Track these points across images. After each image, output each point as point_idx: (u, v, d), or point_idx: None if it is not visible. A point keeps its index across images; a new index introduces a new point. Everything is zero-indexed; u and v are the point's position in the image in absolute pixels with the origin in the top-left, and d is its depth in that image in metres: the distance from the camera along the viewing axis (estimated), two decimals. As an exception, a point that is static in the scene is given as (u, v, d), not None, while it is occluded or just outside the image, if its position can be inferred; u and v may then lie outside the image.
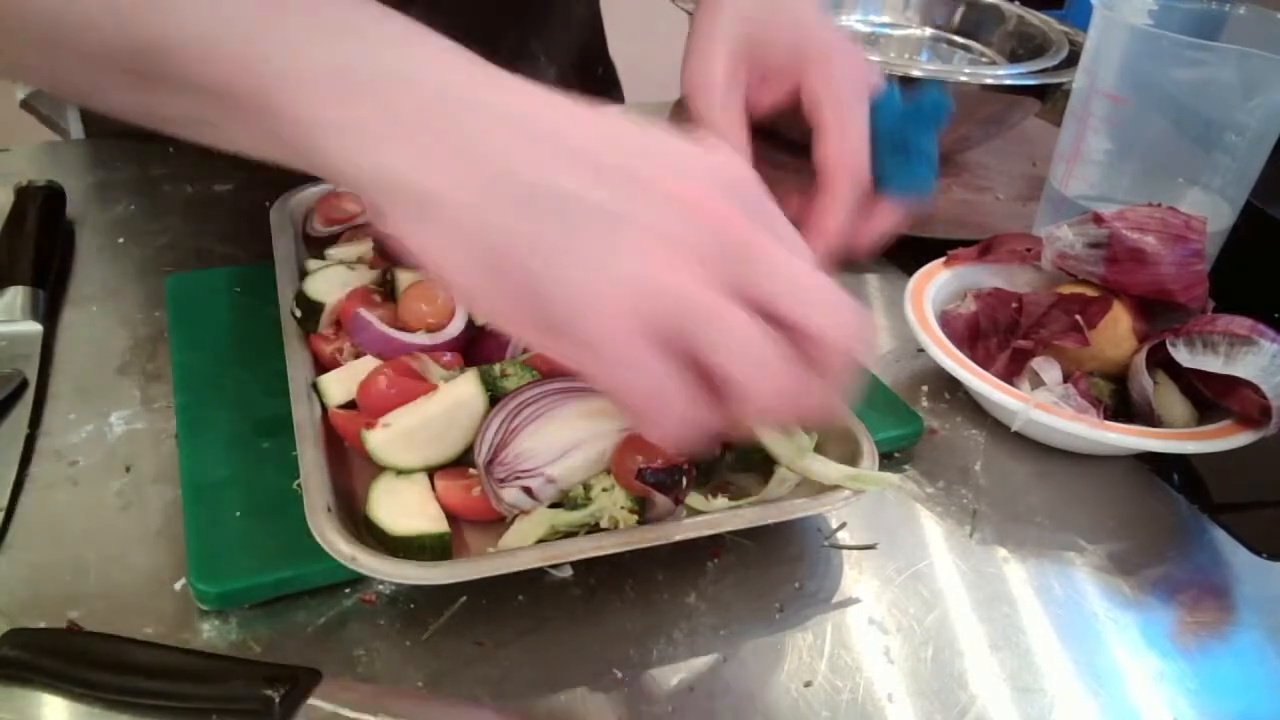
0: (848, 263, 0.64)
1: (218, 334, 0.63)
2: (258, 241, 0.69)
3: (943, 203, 0.92)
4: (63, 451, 0.56)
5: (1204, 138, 0.71)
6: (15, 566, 0.49)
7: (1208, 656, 0.51)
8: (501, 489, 0.48)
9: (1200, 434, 0.58)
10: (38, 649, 0.43)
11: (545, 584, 0.50)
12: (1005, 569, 0.55)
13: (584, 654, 0.47)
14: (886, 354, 0.72)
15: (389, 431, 0.50)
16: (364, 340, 0.55)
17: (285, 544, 0.48)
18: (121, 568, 0.49)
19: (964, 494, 0.59)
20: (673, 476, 0.47)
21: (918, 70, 0.92)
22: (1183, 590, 0.55)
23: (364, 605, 0.48)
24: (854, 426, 0.54)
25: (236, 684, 0.42)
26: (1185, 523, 0.60)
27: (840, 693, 0.47)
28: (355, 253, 0.65)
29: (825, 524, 0.55)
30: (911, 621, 0.51)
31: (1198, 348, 0.59)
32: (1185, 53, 0.68)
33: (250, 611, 0.47)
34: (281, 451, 0.53)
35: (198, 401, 0.57)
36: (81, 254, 0.74)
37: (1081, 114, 0.75)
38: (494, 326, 0.45)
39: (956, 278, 0.71)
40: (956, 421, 0.65)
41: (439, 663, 0.46)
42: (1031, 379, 0.62)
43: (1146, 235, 0.62)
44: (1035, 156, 1.03)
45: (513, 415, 0.49)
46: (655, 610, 0.50)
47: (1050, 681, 0.48)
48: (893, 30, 1.14)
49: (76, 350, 0.63)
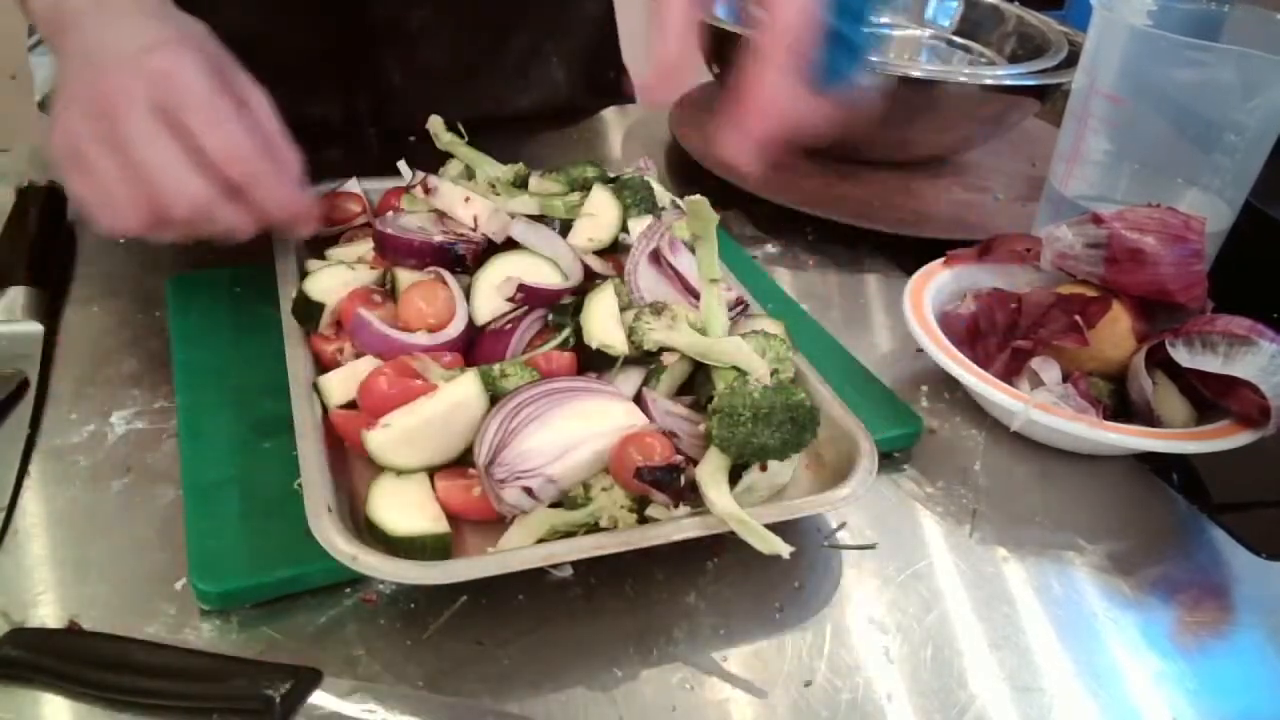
0: (847, 258, 0.63)
1: (218, 334, 0.63)
2: (258, 242, 0.69)
3: (943, 203, 0.92)
4: (63, 451, 0.56)
5: (1203, 138, 0.71)
6: (15, 566, 0.49)
7: (1207, 656, 0.51)
8: (501, 489, 0.48)
9: (1200, 434, 0.58)
10: (38, 649, 0.43)
11: (545, 584, 0.50)
12: (1005, 569, 0.55)
13: (584, 654, 0.47)
14: (886, 354, 0.72)
15: (389, 432, 0.50)
16: (364, 340, 0.56)
17: (285, 544, 0.48)
18: (121, 568, 0.49)
19: (964, 494, 0.59)
20: (671, 475, 0.47)
21: (918, 70, 0.92)
22: (1182, 590, 0.55)
23: (364, 605, 0.48)
24: (854, 426, 0.54)
25: (236, 684, 0.42)
26: (1185, 523, 0.60)
27: (840, 693, 0.47)
28: (355, 253, 0.65)
29: (825, 524, 0.55)
30: (911, 621, 0.51)
31: (1197, 348, 0.59)
32: (1184, 53, 0.68)
33: (250, 611, 0.47)
34: (281, 451, 0.53)
35: (198, 401, 0.57)
36: (82, 254, 0.74)
37: (1081, 114, 0.75)
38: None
39: (956, 278, 0.71)
40: (956, 421, 0.65)
41: (439, 663, 0.46)
42: (1031, 379, 0.62)
43: (1146, 235, 0.63)
44: (1035, 156, 1.04)
45: (512, 415, 0.49)
46: (655, 610, 0.50)
47: (1050, 681, 0.48)
48: (893, 30, 1.14)
49: (77, 350, 0.63)
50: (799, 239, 0.87)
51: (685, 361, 0.55)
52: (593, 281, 0.60)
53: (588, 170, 0.70)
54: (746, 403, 0.49)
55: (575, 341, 0.57)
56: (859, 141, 0.95)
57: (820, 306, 0.76)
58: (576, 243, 0.63)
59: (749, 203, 0.89)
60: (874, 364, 0.68)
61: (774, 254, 0.84)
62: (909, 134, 0.94)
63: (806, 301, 0.75)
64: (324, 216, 0.70)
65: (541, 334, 0.58)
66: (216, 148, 0.54)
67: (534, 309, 0.58)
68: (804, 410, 0.50)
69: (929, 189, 0.94)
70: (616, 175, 0.69)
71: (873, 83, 0.66)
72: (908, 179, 0.95)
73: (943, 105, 0.91)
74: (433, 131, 0.71)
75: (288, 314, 0.60)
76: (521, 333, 0.57)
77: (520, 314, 0.58)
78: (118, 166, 0.54)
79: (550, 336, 0.57)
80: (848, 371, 0.66)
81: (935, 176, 0.97)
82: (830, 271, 0.83)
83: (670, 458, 0.48)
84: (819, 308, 0.76)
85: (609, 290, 0.57)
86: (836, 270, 0.83)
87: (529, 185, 0.69)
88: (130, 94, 0.53)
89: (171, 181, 0.53)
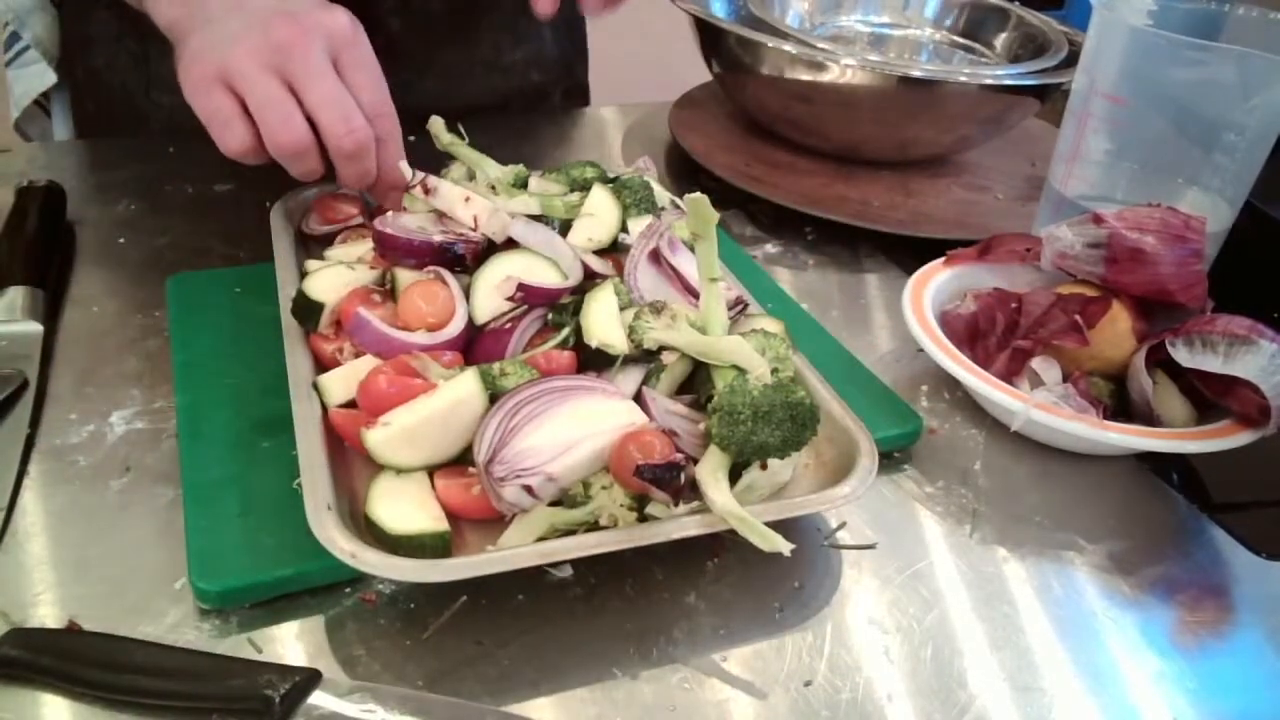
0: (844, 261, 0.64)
1: (218, 334, 0.63)
2: (258, 241, 0.69)
3: (943, 203, 0.92)
4: (63, 451, 0.56)
5: (1203, 138, 0.71)
6: (15, 566, 0.49)
7: (1207, 656, 0.51)
8: (501, 488, 0.48)
9: (1200, 434, 0.58)
10: (38, 649, 0.43)
11: (545, 584, 0.50)
12: (1005, 568, 0.55)
13: (584, 654, 0.47)
14: (886, 354, 0.72)
15: (389, 431, 0.50)
16: (364, 340, 0.56)
17: (285, 543, 0.48)
18: (121, 567, 0.49)
19: (964, 494, 0.59)
20: (670, 473, 0.47)
21: (918, 70, 0.92)
22: (1182, 590, 0.55)
23: (364, 605, 0.48)
24: (854, 426, 0.54)
25: (236, 684, 0.42)
26: (1185, 523, 0.60)
27: (840, 692, 0.47)
28: (355, 253, 0.65)
29: (825, 524, 0.55)
30: (911, 621, 0.51)
31: (1197, 347, 0.59)
32: (1185, 53, 0.68)
33: (250, 611, 0.47)
34: (281, 451, 0.53)
35: (198, 401, 0.57)
36: (81, 254, 0.74)
37: (1081, 114, 0.75)
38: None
39: (956, 278, 0.71)
40: (956, 421, 0.65)
41: (439, 663, 0.46)
42: (1031, 379, 0.62)
43: (1146, 235, 0.63)
44: (1035, 156, 1.04)
45: (511, 414, 0.49)
46: (655, 610, 0.50)
47: (1050, 681, 0.48)
48: (893, 30, 1.14)
49: (76, 350, 0.63)
50: (799, 239, 0.87)
51: (685, 360, 0.55)
52: (592, 281, 0.60)
53: (588, 170, 0.70)
54: (746, 401, 0.49)
55: (575, 341, 0.57)
56: (859, 141, 0.95)
57: (820, 306, 0.76)
58: (576, 242, 0.63)
59: (749, 203, 0.89)
60: (874, 364, 0.68)
61: (774, 254, 0.84)
62: (909, 133, 0.94)
63: (806, 301, 0.75)
64: (321, 216, 0.71)
65: (541, 333, 0.58)
66: (369, 102, 0.62)
67: (534, 308, 0.58)
68: (804, 408, 0.50)
69: (929, 189, 0.94)
70: (616, 175, 0.69)
71: None
72: (907, 179, 0.95)
73: (943, 105, 0.91)
74: (433, 132, 0.71)
75: (287, 314, 0.60)
76: (521, 332, 0.57)
77: (520, 313, 0.58)
78: (278, 94, 0.59)
79: (550, 336, 0.57)
80: (848, 371, 0.66)
81: (935, 176, 0.97)
82: (830, 271, 0.83)
83: (670, 456, 0.48)
84: (819, 308, 0.76)
85: (609, 290, 0.57)
86: (836, 270, 0.83)
87: (529, 185, 0.69)
88: (310, 36, 0.60)
89: (334, 121, 0.60)
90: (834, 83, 0.88)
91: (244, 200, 0.81)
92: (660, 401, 0.53)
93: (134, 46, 0.93)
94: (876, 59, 0.92)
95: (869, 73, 0.87)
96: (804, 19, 1.12)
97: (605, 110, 1.11)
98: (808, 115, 0.94)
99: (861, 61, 0.87)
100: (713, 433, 0.50)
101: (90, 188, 0.83)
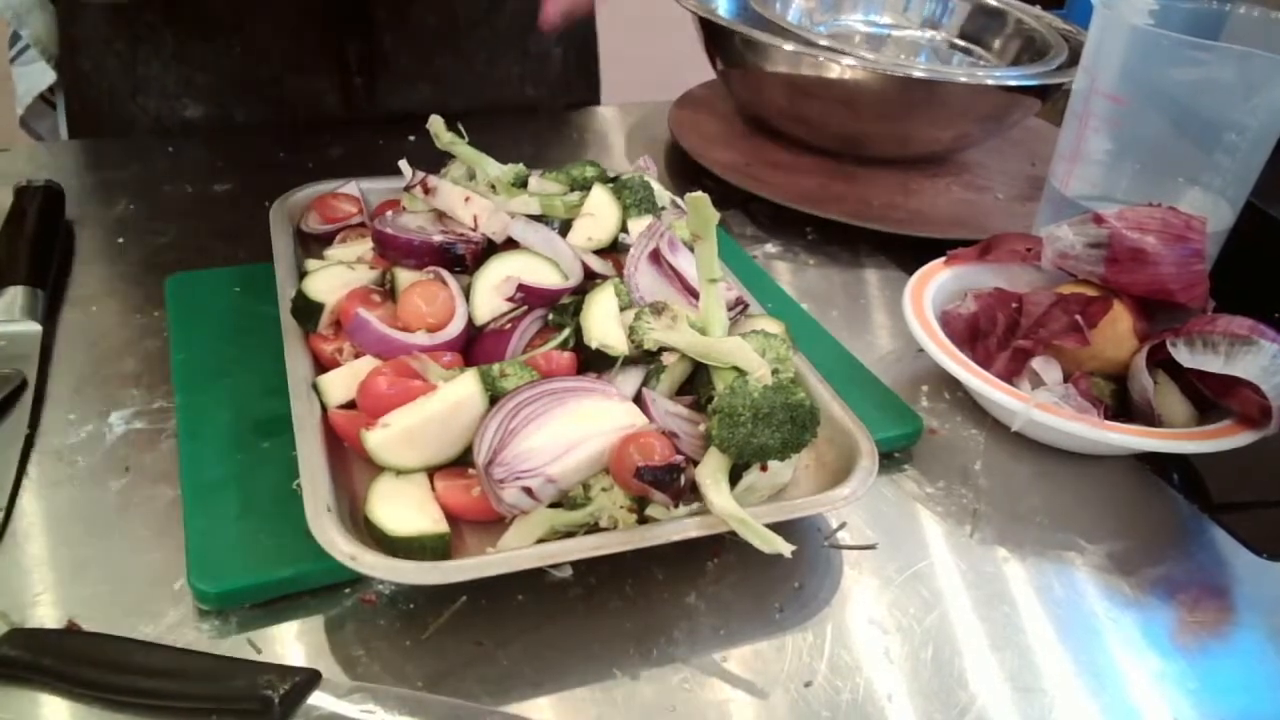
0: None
1: (218, 334, 0.63)
2: (257, 241, 0.69)
3: (943, 202, 0.92)
4: (63, 451, 0.55)
5: (1204, 138, 0.71)
6: (15, 566, 0.49)
7: (1208, 656, 0.51)
8: (501, 489, 0.48)
9: (1200, 434, 0.58)
10: (38, 649, 0.43)
11: (545, 584, 0.50)
12: (1005, 569, 0.55)
13: (584, 654, 0.47)
14: (886, 354, 0.72)
15: (389, 431, 0.50)
16: (363, 340, 0.55)
17: (285, 544, 0.48)
18: (121, 567, 0.49)
19: (964, 494, 0.59)
20: (670, 474, 0.47)
21: (919, 70, 0.92)
22: (1183, 590, 0.55)
23: (363, 605, 0.48)
24: (854, 426, 0.54)
25: (235, 684, 0.42)
26: (1185, 523, 0.60)
27: (840, 693, 0.47)
28: (355, 253, 0.65)
29: (825, 524, 0.55)
30: (911, 621, 0.51)
31: (1198, 347, 0.59)
32: (1185, 53, 0.68)
33: (250, 611, 0.47)
34: (281, 451, 0.53)
35: (198, 401, 0.57)
36: (81, 254, 0.74)
37: (1082, 114, 0.75)
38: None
39: (956, 278, 0.70)
40: (956, 421, 0.65)
41: (439, 663, 0.46)
42: (1032, 379, 0.62)
43: (1147, 235, 0.62)
44: (1035, 156, 1.03)
45: (511, 415, 0.49)
46: (655, 610, 0.50)
47: (1050, 681, 0.48)
48: (893, 31, 1.14)
49: (76, 350, 0.63)
50: (799, 239, 0.87)
51: (685, 361, 0.55)
52: (593, 281, 0.60)
53: (588, 170, 0.70)
54: (747, 403, 0.49)
55: (575, 341, 0.57)
56: (861, 136, 0.95)
57: (820, 306, 0.76)
58: (576, 242, 0.63)
59: (749, 202, 0.89)
60: (874, 364, 0.68)
61: (774, 254, 0.84)
62: (910, 129, 0.94)
63: (806, 301, 0.75)
64: (320, 216, 0.71)
65: (541, 334, 0.58)
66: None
67: (534, 309, 0.58)
68: (804, 410, 0.50)
69: (929, 188, 0.94)
70: (616, 175, 0.69)
71: None
72: (907, 178, 0.95)
73: (943, 104, 0.91)
74: (433, 131, 0.71)
75: (287, 314, 0.60)
76: (521, 333, 0.57)
77: (520, 314, 0.57)
78: None
79: (550, 336, 0.57)
80: (848, 371, 0.66)
81: (935, 176, 0.97)
82: (830, 271, 0.83)
83: (670, 458, 0.48)
84: (819, 308, 0.76)
85: (609, 290, 0.57)
86: (836, 270, 0.83)
87: (529, 185, 0.69)
88: None
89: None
90: (839, 78, 0.88)
91: (243, 200, 0.81)
92: (660, 403, 0.53)
93: (122, 50, 0.92)
94: (882, 59, 0.92)
95: (873, 70, 0.87)
96: (805, 17, 1.12)
97: (605, 110, 1.11)
98: (811, 110, 0.94)
99: (866, 60, 0.87)
100: (713, 434, 0.50)
101: (89, 187, 0.82)
